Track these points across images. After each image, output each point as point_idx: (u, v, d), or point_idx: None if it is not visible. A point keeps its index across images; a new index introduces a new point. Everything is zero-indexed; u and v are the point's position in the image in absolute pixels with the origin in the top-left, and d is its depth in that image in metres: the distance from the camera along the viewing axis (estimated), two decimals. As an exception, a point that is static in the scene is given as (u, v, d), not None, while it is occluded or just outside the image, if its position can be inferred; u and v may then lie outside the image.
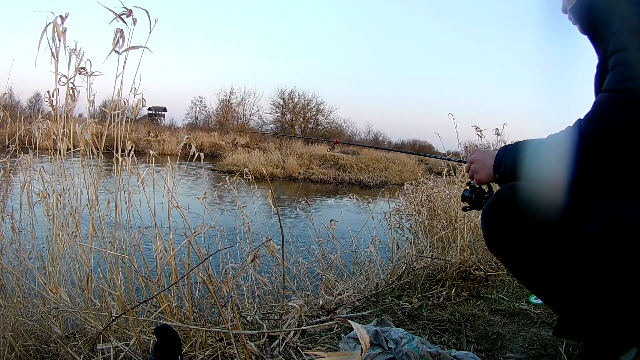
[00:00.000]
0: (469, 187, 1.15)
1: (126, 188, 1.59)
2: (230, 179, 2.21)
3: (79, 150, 1.54)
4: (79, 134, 1.50)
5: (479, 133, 2.83)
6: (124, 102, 1.53)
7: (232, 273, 1.27)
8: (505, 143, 2.17)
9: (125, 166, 1.54)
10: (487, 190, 1.12)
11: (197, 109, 34.75)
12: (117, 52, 1.38)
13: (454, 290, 1.93)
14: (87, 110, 1.57)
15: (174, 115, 48.55)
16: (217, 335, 1.25)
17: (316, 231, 2.89)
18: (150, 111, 33.81)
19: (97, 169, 1.56)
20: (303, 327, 1.34)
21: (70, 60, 1.43)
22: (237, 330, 1.16)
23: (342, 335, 1.30)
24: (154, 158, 1.70)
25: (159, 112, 35.67)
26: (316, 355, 0.69)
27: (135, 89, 1.50)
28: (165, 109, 35.87)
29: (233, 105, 33.33)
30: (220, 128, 28.89)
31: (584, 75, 0.94)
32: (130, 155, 1.55)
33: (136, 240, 1.60)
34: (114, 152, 1.54)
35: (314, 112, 32.87)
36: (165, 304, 1.32)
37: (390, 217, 3.59)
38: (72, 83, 1.46)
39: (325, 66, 57.90)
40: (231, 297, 1.16)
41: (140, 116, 26.36)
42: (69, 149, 1.54)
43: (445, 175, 3.79)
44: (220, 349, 1.21)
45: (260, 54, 59.54)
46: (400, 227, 3.61)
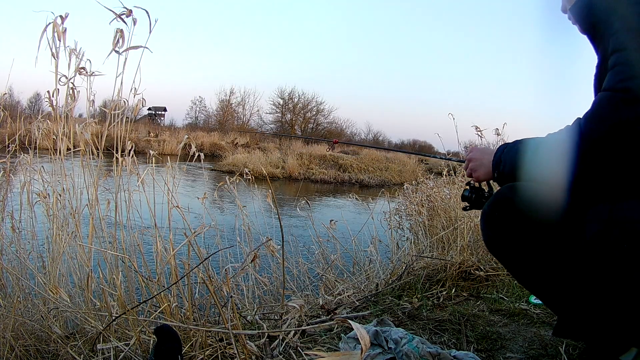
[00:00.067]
0: (468, 187, 1.14)
1: (126, 188, 1.59)
2: (230, 179, 2.21)
3: (79, 150, 1.54)
4: (79, 134, 1.50)
5: (479, 133, 2.83)
6: (124, 102, 1.53)
7: (232, 273, 1.27)
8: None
9: (125, 166, 1.54)
10: (487, 189, 1.12)
11: (197, 109, 34.84)
12: (117, 52, 1.38)
13: (454, 290, 1.93)
14: (87, 110, 1.57)
15: (174, 115, 48.62)
16: (217, 335, 1.25)
17: (316, 231, 2.89)
18: (150, 111, 33.81)
19: (97, 169, 1.56)
20: (303, 327, 1.34)
21: (70, 60, 1.43)
22: (237, 330, 1.16)
23: (342, 335, 1.30)
24: (154, 158, 1.70)
25: (159, 112, 35.67)
26: (316, 355, 0.69)
27: (135, 89, 1.50)
28: (165, 109, 35.89)
29: (233, 105, 33.41)
30: (220, 128, 28.89)
31: (584, 75, 0.94)
32: (130, 155, 1.55)
33: (136, 240, 1.60)
34: (114, 152, 1.54)
35: (314, 112, 32.92)
36: (165, 304, 1.32)
37: (390, 217, 3.59)
38: (72, 83, 1.46)
39: (325, 66, 58.00)
40: (231, 297, 1.16)
41: (140, 116, 26.35)
42: (69, 149, 1.54)
43: (445, 175, 3.80)
44: (220, 349, 1.21)
45: (260, 54, 59.65)
46: (400, 227, 3.61)
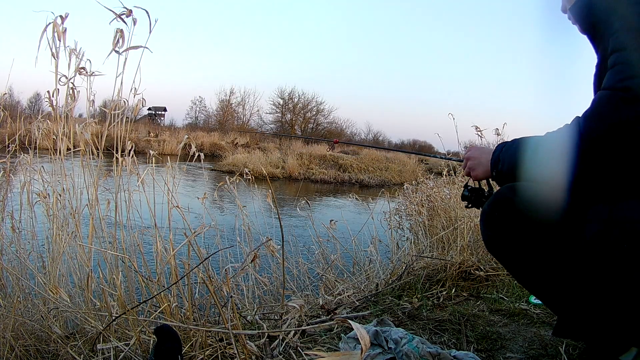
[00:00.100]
0: (467, 187, 1.14)
1: (126, 188, 1.59)
2: (230, 179, 2.21)
3: (79, 150, 1.54)
4: (79, 134, 1.50)
5: (479, 133, 2.82)
6: (124, 102, 1.53)
7: (232, 273, 1.27)
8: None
9: (125, 166, 1.54)
10: (487, 189, 1.12)
11: (197, 109, 34.84)
12: (117, 52, 1.38)
13: (454, 290, 1.93)
14: (87, 110, 1.57)
15: (174, 115, 48.65)
16: (217, 335, 1.25)
17: (316, 231, 2.89)
18: (150, 111, 33.81)
19: (97, 169, 1.56)
20: (303, 327, 1.34)
21: (70, 60, 1.43)
22: (237, 330, 1.16)
23: (342, 335, 1.30)
24: (154, 158, 1.70)
25: (159, 112, 35.67)
26: (316, 355, 0.69)
27: (135, 89, 1.50)
28: (165, 109, 35.89)
29: (233, 105, 33.43)
30: (220, 128, 28.89)
31: (584, 75, 0.94)
32: (130, 155, 1.55)
33: (136, 240, 1.60)
34: (114, 152, 1.54)
35: (314, 112, 32.94)
36: (165, 304, 1.32)
37: (390, 217, 3.59)
38: (72, 83, 1.46)
39: (325, 66, 58.03)
40: (231, 297, 1.16)
41: (140, 116, 26.35)
42: (69, 149, 1.54)
43: (445, 175, 3.80)
44: (220, 349, 1.21)
45: (260, 54, 59.68)
46: (400, 227, 3.61)
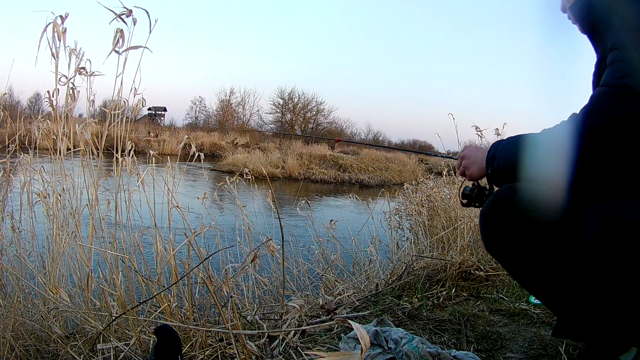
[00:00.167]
0: (468, 186, 1.13)
1: (126, 188, 1.59)
2: (230, 179, 2.21)
3: (79, 150, 1.54)
4: (79, 134, 1.50)
5: (479, 133, 2.82)
6: (124, 102, 1.53)
7: (232, 273, 1.27)
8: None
9: (125, 166, 1.54)
10: (487, 189, 1.11)
11: (197, 109, 34.88)
12: (117, 52, 1.38)
13: (454, 290, 1.93)
14: (87, 110, 1.57)
15: (174, 115, 48.69)
16: (217, 335, 1.25)
17: (316, 231, 2.89)
18: (150, 111, 33.82)
19: (97, 169, 1.56)
20: (303, 327, 1.34)
21: (70, 60, 1.43)
22: (237, 330, 1.16)
23: (342, 335, 1.30)
24: (154, 158, 1.70)
25: (159, 112, 35.67)
26: (316, 355, 0.69)
27: (135, 89, 1.50)
28: (165, 109, 35.89)
29: (233, 105, 33.47)
30: (220, 128, 28.90)
31: (584, 75, 0.94)
32: (130, 155, 1.55)
33: (136, 240, 1.60)
34: (114, 152, 1.54)
35: (314, 112, 32.98)
36: (165, 304, 1.32)
37: (390, 217, 3.59)
38: (72, 83, 1.46)
39: (325, 66, 58.03)
40: (231, 297, 1.16)
41: (140, 116, 26.35)
42: (69, 149, 1.54)
43: (445, 175, 3.80)
44: (220, 349, 1.21)
45: (260, 54, 59.68)
46: (400, 227, 3.61)
